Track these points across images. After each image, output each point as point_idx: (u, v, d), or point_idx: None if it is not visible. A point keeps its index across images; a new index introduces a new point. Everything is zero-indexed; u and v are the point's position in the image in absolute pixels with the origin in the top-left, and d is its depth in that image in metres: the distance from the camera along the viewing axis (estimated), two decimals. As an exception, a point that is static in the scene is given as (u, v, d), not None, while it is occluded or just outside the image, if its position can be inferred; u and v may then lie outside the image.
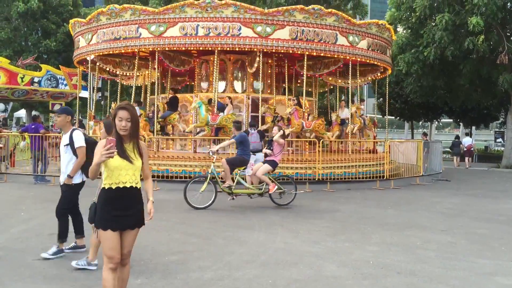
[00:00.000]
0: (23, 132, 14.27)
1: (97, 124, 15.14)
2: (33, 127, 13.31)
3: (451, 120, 40.50)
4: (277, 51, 13.73)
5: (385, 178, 13.40)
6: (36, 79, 22.56)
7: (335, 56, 14.27)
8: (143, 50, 14.19)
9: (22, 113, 37.33)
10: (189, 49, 14.20)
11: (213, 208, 9.05)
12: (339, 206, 9.78)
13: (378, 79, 18.53)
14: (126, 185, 3.55)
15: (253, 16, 12.98)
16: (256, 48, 13.27)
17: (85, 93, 22.23)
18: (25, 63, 24.07)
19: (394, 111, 30.28)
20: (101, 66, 16.62)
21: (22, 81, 21.87)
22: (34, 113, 30.44)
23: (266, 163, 9.49)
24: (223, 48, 13.54)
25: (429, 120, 34.44)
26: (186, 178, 11.05)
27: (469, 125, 33.49)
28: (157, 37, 13.24)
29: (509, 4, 20.15)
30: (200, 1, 12.98)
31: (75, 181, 5.64)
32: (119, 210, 3.54)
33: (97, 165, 3.49)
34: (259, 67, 13.91)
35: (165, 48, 13.71)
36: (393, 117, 33.67)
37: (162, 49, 13.73)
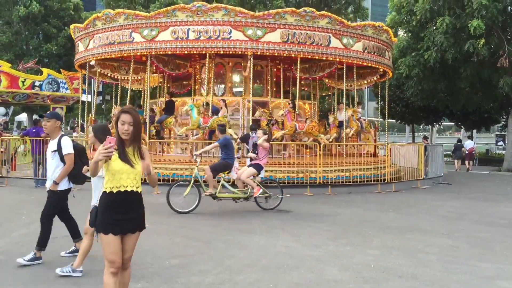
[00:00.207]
0: (24, 136, 14.29)
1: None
2: (34, 131, 13.33)
3: (452, 123, 40.45)
4: (268, 54, 13.64)
5: (386, 181, 13.35)
6: (37, 83, 22.56)
7: (329, 58, 14.23)
8: (137, 55, 14.21)
9: (23, 117, 37.38)
10: (180, 53, 14.16)
11: (213, 212, 9.03)
12: (340, 210, 9.77)
13: (378, 82, 18.52)
14: (127, 189, 3.56)
15: (243, 19, 12.95)
16: (246, 51, 13.24)
17: (85, 97, 22.23)
18: (26, 67, 24.06)
19: (395, 114, 30.26)
20: (100, 71, 16.64)
21: (23, 85, 21.86)
22: (35, 117, 30.45)
23: (251, 166, 9.48)
24: (213, 52, 13.53)
25: (430, 123, 34.42)
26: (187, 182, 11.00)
27: (470, 128, 33.44)
28: (150, 41, 13.28)
29: (509, 8, 20.17)
30: (190, 5, 13.02)
31: (61, 187, 5.54)
32: (120, 214, 3.54)
33: (95, 163, 3.50)
34: (253, 71, 13.86)
35: (157, 52, 13.72)
36: (394, 120, 33.65)
37: (155, 53, 13.75)
